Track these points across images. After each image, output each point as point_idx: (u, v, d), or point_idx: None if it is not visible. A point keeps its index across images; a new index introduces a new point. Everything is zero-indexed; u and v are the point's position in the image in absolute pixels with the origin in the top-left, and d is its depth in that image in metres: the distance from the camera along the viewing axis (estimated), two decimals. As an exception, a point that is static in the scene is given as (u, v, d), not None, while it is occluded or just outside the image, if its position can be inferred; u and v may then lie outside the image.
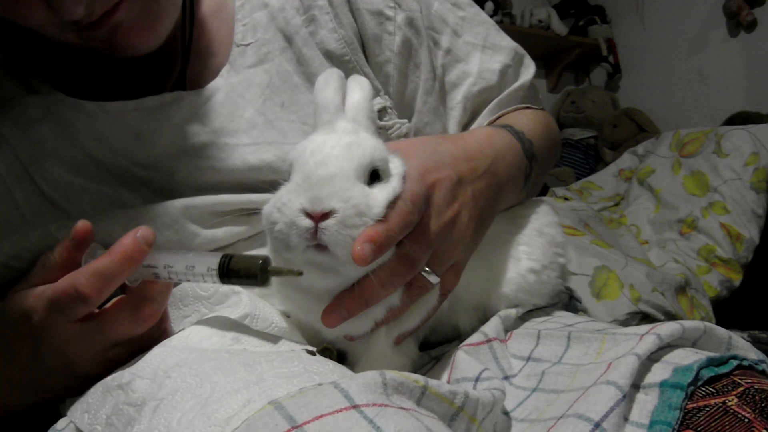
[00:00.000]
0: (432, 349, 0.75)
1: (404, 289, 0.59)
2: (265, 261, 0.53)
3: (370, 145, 0.57)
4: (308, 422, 0.38)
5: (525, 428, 0.55)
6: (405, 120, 0.82)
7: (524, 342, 0.68)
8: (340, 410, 0.39)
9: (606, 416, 0.46)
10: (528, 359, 0.65)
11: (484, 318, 0.72)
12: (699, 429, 0.47)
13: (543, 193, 2.68)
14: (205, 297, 0.65)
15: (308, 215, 0.52)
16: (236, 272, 0.54)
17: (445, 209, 0.62)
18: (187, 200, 0.70)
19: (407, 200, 0.56)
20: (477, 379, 0.57)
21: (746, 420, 0.47)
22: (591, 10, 3.84)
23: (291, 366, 0.48)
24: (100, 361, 0.57)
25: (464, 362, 0.60)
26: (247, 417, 0.39)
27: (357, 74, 0.69)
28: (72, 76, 0.75)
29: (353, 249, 0.51)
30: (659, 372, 0.52)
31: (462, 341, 0.67)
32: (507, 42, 0.91)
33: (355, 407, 0.40)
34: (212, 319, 0.60)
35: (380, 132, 0.79)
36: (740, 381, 0.51)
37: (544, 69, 3.93)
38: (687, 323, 0.56)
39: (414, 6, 0.84)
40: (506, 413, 0.58)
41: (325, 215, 0.52)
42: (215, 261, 0.54)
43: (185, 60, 0.77)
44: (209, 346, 0.54)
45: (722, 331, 0.57)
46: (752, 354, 0.56)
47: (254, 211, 0.61)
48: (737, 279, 2.16)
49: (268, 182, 0.59)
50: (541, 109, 0.95)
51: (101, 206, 0.70)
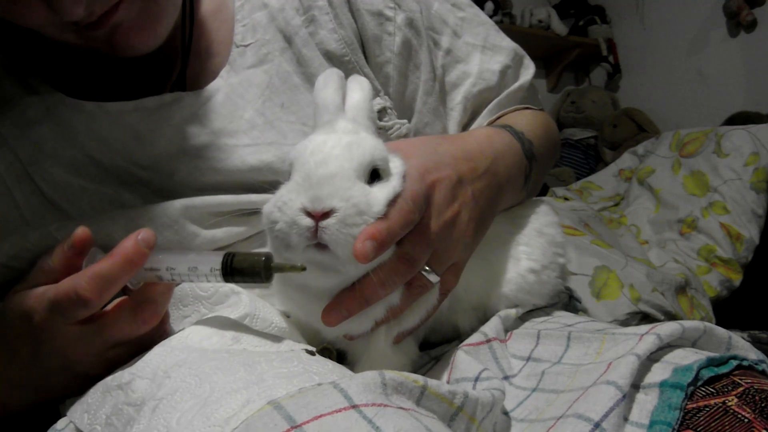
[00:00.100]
0: (432, 349, 0.75)
1: (404, 289, 0.59)
2: (268, 258, 0.53)
3: (371, 145, 0.57)
4: (307, 422, 0.38)
5: (525, 428, 0.55)
6: (405, 120, 0.82)
7: (524, 342, 0.68)
8: (340, 410, 0.39)
9: (606, 416, 0.46)
10: (528, 359, 0.65)
11: (484, 318, 0.72)
12: (699, 429, 0.47)
13: (543, 193, 2.68)
14: (205, 297, 0.65)
15: (309, 214, 0.52)
16: (239, 270, 0.54)
17: (445, 209, 0.62)
18: (187, 200, 0.70)
19: (408, 199, 0.56)
20: (476, 379, 0.57)
21: (746, 420, 0.47)
22: (591, 10, 3.84)
23: (290, 366, 0.48)
24: (101, 362, 0.57)
25: (464, 362, 0.60)
26: (247, 417, 0.39)
27: (357, 74, 0.69)
28: (72, 77, 0.75)
29: (354, 246, 0.51)
30: (659, 372, 0.52)
31: (462, 341, 0.67)
32: (507, 43, 0.92)
33: (355, 407, 0.40)
34: (212, 319, 0.60)
35: (380, 132, 0.78)
36: (740, 381, 0.51)
37: (544, 69, 3.93)
38: (687, 323, 0.56)
39: (414, 6, 0.83)
40: (506, 413, 0.58)
41: (326, 214, 0.52)
42: (218, 260, 0.54)
43: (185, 60, 0.77)
44: (209, 346, 0.54)
45: (722, 331, 0.57)
46: (752, 354, 0.56)
47: (254, 211, 0.61)
48: (737, 279, 2.16)
49: (268, 182, 0.59)
50: (541, 110, 0.95)
51: (101, 207, 0.70)
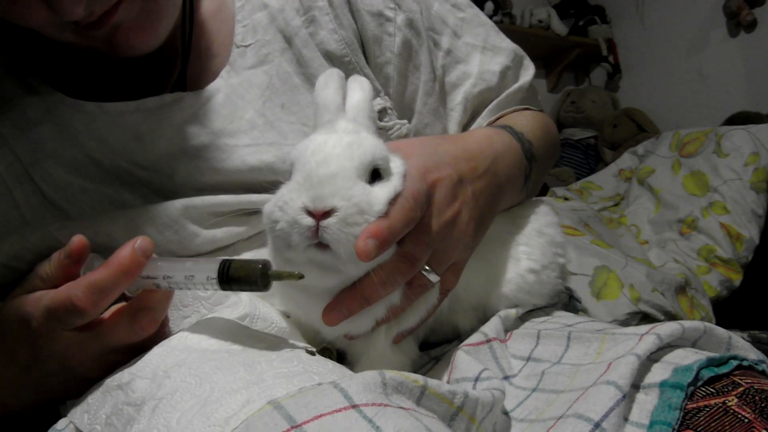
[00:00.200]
0: (432, 349, 0.75)
1: (404, 288, 0.59)
2: (265, 265, 0.52)
3: (371, 144, 0.57)
4: (307, 422, 0.38)
5: (525, 428, 0.55)
6: (405, 121, 0.82)
7: (524, 342, 0.68)
8: (340, 410, 0.39)
9: (606, 416, 0.46)
10: (528, 359, 0.65)
11: (484, 318, 0.72)
12: (699, 429, 0.47)
13: (543, 193, 2.68)
14: (205, 297, 0.65)
15: (310, 214, 0.52)
16: (236, 279, 0.53)
17: (446, 208, 0.62)
18: (187, 200, 0.70)
19: (409, 197, 0.56)
20: (476, 379, 0.57)
21: (746, 420, 0.47)
22: (591, 10, 3.84)
23: (290, 366, 0.48)
24: (100, 365, 0.57)
25: (464, 362, 0.60)
26: (247, 417, 0.39)
27: (357, 75, 0.69)
28: (72, 77, 0.75)
29: (356, 244, 0.51)
30: (659, 372, 0.52)
31: (462, 341, 0.67)
32: (507, 44, 0.92)
33: (355, 407, 0.40)
34: (212, 320, 0.60)
35: (380, 133, 0.78)
36: (740, 381, 0.51)
37: (544, 69, 3.93)
38: (687, 323, 0.56)
39: (414, 7, 0.83)
40: (506, 413, 0.58)
41: (327, 214, 0.52)
42: (214, 268, 0.53)
43: (185, 61, 0.77)
44: (209, 346, 0.54)
45: (722, 332, 0.57)
46: (752, 354, 0.56)
47: (255, 211, 0.61)
48: (737, 279, 2.16)
49: (269, 182, 0.59)
50: (540, 111, 0.95)
51: (101, 207, 0.70)
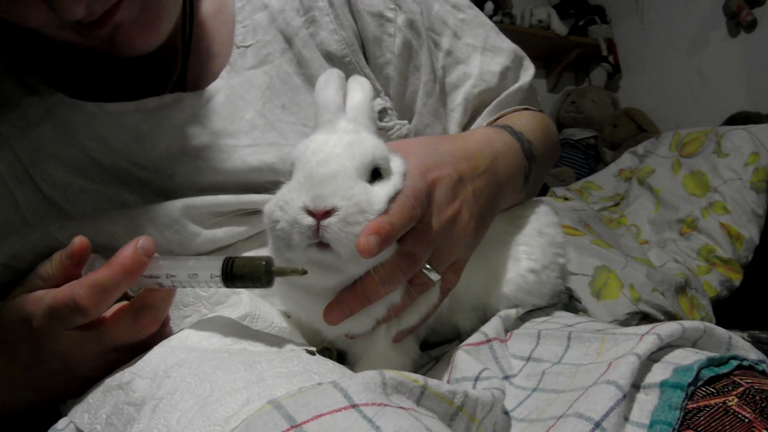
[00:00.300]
0: (432, 349, 0.75)
1: (405, 287, 0.59)
2: (268, 262, 0.53)
3: (372, 144, 0.57)
4: (307, 422, 0.38)
5: (525, 428, 0.55)
6: (405, 121, 0.82)
7: (524, 342, 0.68)
8: (340, 410, 0.39)
9: (606, 416, 0.46)
10: (528, 359, 0.65)
11: (484, 318, 0.72)
12: (699, 429, 0.47)
13: (543, 193, 2.68)
14: (205, 297, 0.65)
15: (310, 213, 0.52)
16: (240, 276, 0.53)
17: (446, 207, 0.62)
18: (188, 200, 0.70)
19: (409, 195, 0.56)
20: (477, 379, 0.57)
21: (746, 420, 0.47)
22: (591, 10, 3.84)
23: (290, 366, 0.48)
24: (101, 365, 0.57)
25: (464, 362, 0.60)
26: (247, 416, 0.39)
27: (357, 75, 0.69)
28: (72, 77, 0.75)
29: (358, 241, 0.51)
30: (659, 372, 0.52)
31: (462, 341, 0.67)
32: (507, 44, 0.92)
33: (355, 407, 0.40)
34: (212, 319, 0.60)
35: (380, 133, 0.78)
36: (740, 381, 0.51)
37: (544, 69, 3.93)
38: (687, 323, 0.56)
39: (414, 8, 0.84)
40: (506, 413, 0.58)
41: (327, 213, 0.52)
42: (218, 266, 0.54)
43: (185, 61, 0.77)
44: (209, 346, 0.54)
45: (722, 332, 0.57)
46: (752, 354, 0.56)
47: (255, 211, 0.61)
48: (737, 279, 2.16)
49: (269, 182, 0.59)
50: (540, 111, 0.95)
51: (101, 207, 0.70)
